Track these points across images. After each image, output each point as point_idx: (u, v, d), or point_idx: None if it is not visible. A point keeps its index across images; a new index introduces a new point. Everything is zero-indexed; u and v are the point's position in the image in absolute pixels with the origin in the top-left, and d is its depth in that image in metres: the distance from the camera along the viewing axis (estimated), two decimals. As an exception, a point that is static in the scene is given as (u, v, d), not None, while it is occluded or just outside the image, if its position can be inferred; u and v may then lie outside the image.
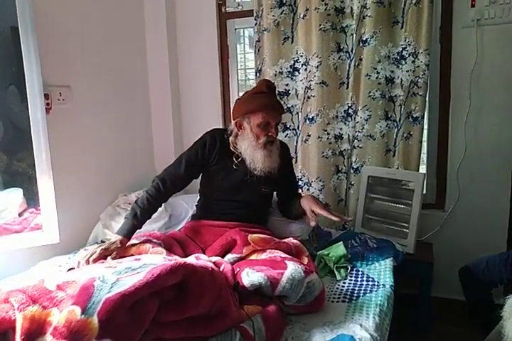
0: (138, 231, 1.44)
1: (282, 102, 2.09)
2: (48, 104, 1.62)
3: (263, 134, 1.49)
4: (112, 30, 2.02)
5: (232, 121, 1.55)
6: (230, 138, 1.54)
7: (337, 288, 1.36)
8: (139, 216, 1.43)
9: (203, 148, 1.54)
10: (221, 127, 2.20)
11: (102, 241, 1.67)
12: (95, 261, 1.26)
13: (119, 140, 2.08)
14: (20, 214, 1.61)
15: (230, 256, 1.33)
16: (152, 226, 1.72)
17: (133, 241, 1.40)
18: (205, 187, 1.61)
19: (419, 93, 1.87)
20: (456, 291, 1.93)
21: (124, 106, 2.11)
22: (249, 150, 1.49)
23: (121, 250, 1.33)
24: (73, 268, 1.30)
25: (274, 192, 1.69)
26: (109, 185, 2.00)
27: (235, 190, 1.53)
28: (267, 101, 1.49)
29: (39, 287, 0.93)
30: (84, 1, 1.85)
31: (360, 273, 1.47)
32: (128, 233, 1.39)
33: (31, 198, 1.60)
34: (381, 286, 1.36)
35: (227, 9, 2.25)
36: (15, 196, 1.60)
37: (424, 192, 2.00)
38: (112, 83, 2.02)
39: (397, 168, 1.94)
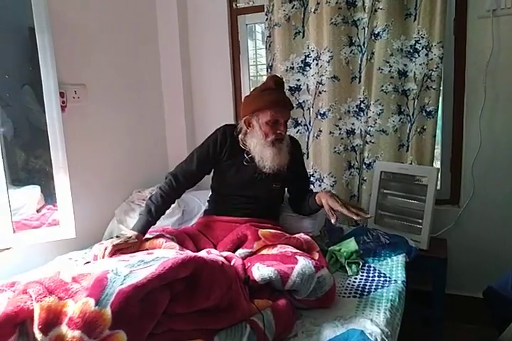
0: (152, 226, 1.47)
1: (293, 98, 2.09)
2: (63, 102, 1.66)
3: (272, 132, 1.48)
4: (124, 27, 2.05)
5: (241, 119, 1.55)
6: (240, 136, 1.55)
7: (348, 284, 1.36)
8: (154, 212, 1.45)
9: (215, 144, 1.55)
10: (233, 123, 2.21)
11: (117, 237, 1.71)
12: (115, 251, 1.27)
13: (133, 137, 2.11)
14: (38, 211, 1.66)
15: (240, 251, 1.34)
16: (166, 222, 1.74)
17: (147, 236, 1.42)
18: (216, 182, 1.62)
19: (433, 86, 1.84)
20: (470, 288, 1.91)
21: (137, 103, 2.14)
22: (258, 148, 1.49)
23: (137, 245, 1.36)
24: (89, 262, 1.34)
25: (286, 188, 1.70)
26: (124, 182, 2.04)
27: (246, 185, 1.54)
28: (275, 98, 1.47)
29: (55, 279, 0.96)
30: (98, 2, 1.88)
31: (371, 268, 1.47)
32: (143, 229, 1.41)
33: (49, 195, 1.65)
34: (393, 282, 1.35)
35: (238, 5, 2.25)
36: (33, 193, 1.65)
37: (439, 187, 1.98)
38: (125, 80, 2.06)
39: (411, 163, 1.91)
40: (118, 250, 1.29)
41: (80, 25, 1.79)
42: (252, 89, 1.61)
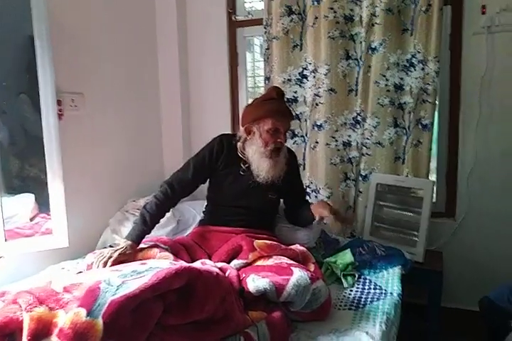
0: (146, 236, 1.45)
1: (290, 109, 2.10)
2: (60, 111, 1.66)
3: (272, 141, 1.49)
4: (124, 38, 2.07)
5: (241, 127, 1.56)
6: (238, 144, 1.55)
7: (344, 296, 1.35)
8: (148, 221, 1.44)
9: (211, 153, 1.55)
10: (229, 132, 2.21)
11: (111, 246, 1.68)
12: (113, 264, 1.26)
13: (129, 146, 2.11)
14: (31, 219, 1.64)
15: (235, 262, 1.32)
16: (160, 232, 1.72)
17: (141, 245, 1.41)
18: (212, 192, 1.62)
19: (429, 100, 1.86)
20: (466, 301, 1.90)
21: (134, 112, 2.15)
22: (256, 156, 1.50)
23: (132, 256, 1.34)
24: (81, 272, 1.32)
25: (282, 199, 1.69)
26: (119, 191, 2.02)
27: (242, 195, 1.53)
28: (277, 108, 1.50)
29: (46, 289, 0.94)
30: (98, 11, 1.90)
31: (367, 280, 1.46)
32: (137, 238, 1.40)
33: (43, 203, 1.62)
34: (388, 294, 1.34)
35: (237, 18, 2.29)
36: (27, 201, 1.63)
37: (434, 200, 1.99)
38: (123, 90, 2.06)
39: (406, 176, 1.92)
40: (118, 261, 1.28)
41: (79, 34, 1.80)
42: (253, 99, 1.63)
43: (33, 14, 1.48)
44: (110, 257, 1.28)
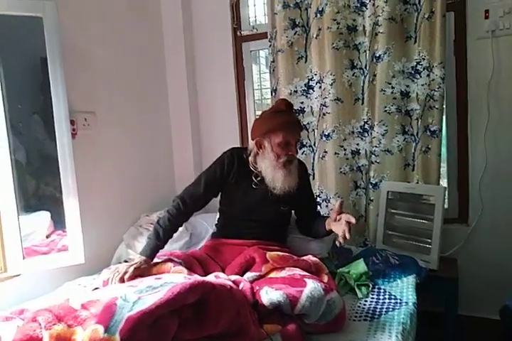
0: (160, 250, 1.47)
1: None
2: (73, 130, 1.71)
3: (283, 153, 1.50)
4: (133, 57, 2.12)
5: (251, 141, 1.57)
6: (250, 158, 1.56)
7: (358, 306, 1.34)
8: (162, 236, 1.45)
9: (222, 167, 1.57)
10: (239, 146, 2.24)
11: (126, 261, 1.71)
12: (129, 279, 1.28)
13: (141, 162, 2.15)
14: (47, 236, 1.67)
15: (249, 275, 1.33)
16: (173, 246, 1.74)
17: (155, 260, 1.42)
18: (224, 205, 1.63)
19: (436, 106, 1.86)
20: (483, 309, 1.86)
21: (145, 129, 2.19)
22: (270, 169, 1.51)
23: (146, 270, 1.36)
24: (98, 288, 1.34)
25: (293, 210, 1.70)
26: (132, 206, 2.05)
27: (254, 208, 1.54)
28: (286, 120, 1.50)
29: (64, 306, 0.96)
30: (108, 32, 1.96)
31: (382, 290, 1.44)
32: (152, 253, 1.42)
33: (58, 221, 1.66)
34: (404, 304, 1.33)
35: (242, 33, 2.33)
36: (43, 219, 1.67)
37: (446, 206, 1.97)
38: (134, 108, 2.11)
39: (417, 183, 1.91)
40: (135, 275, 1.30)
41: (90, 55, 1.86)
42: (261, 112, 1.64)
43: (46, 36, 1.54)
44: (126, 272, 1.30)
